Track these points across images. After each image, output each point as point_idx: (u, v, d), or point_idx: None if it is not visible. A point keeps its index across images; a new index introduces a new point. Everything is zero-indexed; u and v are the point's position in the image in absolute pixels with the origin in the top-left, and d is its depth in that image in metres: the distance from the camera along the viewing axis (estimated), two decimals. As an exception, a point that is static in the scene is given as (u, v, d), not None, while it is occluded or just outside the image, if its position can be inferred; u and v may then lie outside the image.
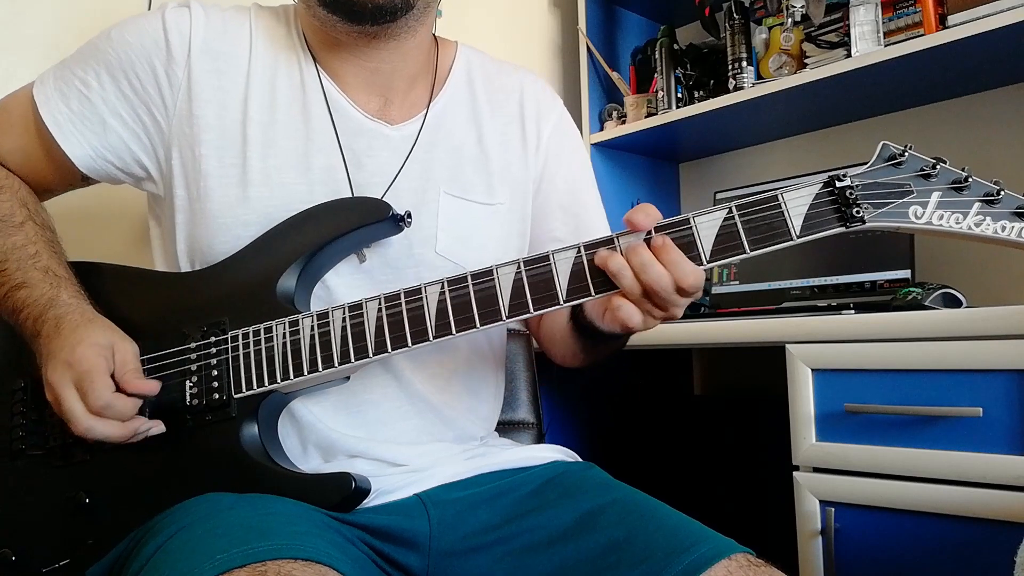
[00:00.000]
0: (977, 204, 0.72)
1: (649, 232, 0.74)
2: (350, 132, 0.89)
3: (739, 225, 0.73)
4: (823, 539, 1.15)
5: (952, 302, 1.22)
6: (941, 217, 0.72)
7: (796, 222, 0.73)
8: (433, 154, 0.92)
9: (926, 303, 1.19)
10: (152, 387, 0.78)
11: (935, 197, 0.72)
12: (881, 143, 0.76)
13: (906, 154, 0.74)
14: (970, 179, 0.72)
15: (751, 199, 0.74)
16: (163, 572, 0.63)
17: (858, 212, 0.72)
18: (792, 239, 0.73)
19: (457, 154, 0.94)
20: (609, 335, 0.82)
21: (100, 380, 0.75)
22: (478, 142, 0.95)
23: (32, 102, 0.87)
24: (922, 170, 0.73)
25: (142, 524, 0.76)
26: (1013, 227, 0.71)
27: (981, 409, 1.03)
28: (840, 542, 1.14)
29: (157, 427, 0.79)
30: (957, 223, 0.72)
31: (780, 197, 0.73)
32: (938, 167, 0.73)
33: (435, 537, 0.80)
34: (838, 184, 0.73)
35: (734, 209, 0.74)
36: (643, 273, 0.71)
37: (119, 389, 0.76)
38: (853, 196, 0.72)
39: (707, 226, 0.74)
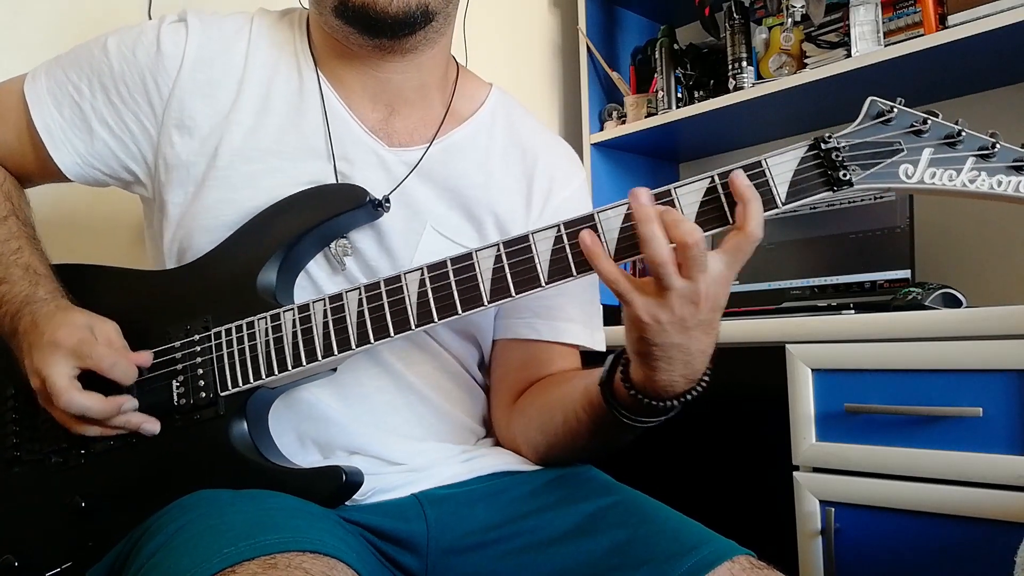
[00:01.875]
0: (971, 159, 0.68)
1: (628, 205, 0.72)
2: (345, 142, 0.87)
3: (722, 195, 0.70)
4: (823, 539, 1.15)
5: (952, 302, 1.22)
6: (933, 175, 0.68)
7: (781, 189, 0.70)
8: (429, 188, 0.89)
9: (926, 303, 1.19)
10: (144, 359, 0.79)
11: (926, 154, 0.69)
12: (869, 99, 0.72)
13: (895, 110, 0.70)
14: (963, 132, 0.68)
15: (733, 167, 0.71)
16: (169, 568, 0.63)
17: (845, 175, 0.68)
18: (778, 206, 0.70)
19: (456, 195, 0.90)
20: (651, 402, 0.74)
21: (97, 344, 0.76)
22: (483, 188, 0.92)
23: (23, 99, 0.87)
24: (912, 126, 0.70)
25: (139, 524, 0.76)
26: (1010, 181, 0.67)
27: (981, 409, 1.03)
28: (840, 542, 1.14)
29: (151, 423, 0.79)
30: (950, 180, 0.68)
31: (764, 163, 0.70)
32: (929, 122, 0.69)
33: (433, 537, 0.80)
34: (823, 146, 0.70)
35: (716, 178, 0.71)
36: (676, 228, 0.66)
37: None
38: (840, 158, 0.69)
39: (689, 198, 0.71)
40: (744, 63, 1.70)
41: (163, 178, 0.87)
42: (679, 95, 1.82)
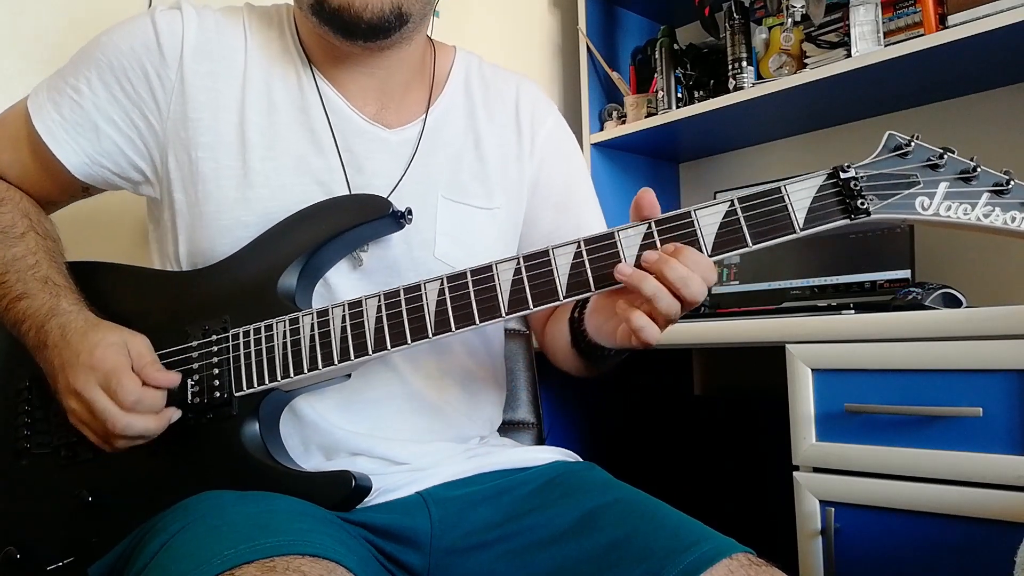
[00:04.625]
0: (986, 195, 0.70)
1: (649, 225, 0.74)
2: (348, 134, 0.89)
3: (741, 219, 0.72)
4: (823, 539, 1.15)
5: (952, 302, 1.22)
6: (948, 208, 0.71)
7: (799, 215, 0.72)
8: (431, 159, 0.92)
9: (926, 303, 1.19)
10: (173, 379, 0.79)
11: (942, 188, 0.71)
12: (887, 133, 0.74)
13: (912, 144, 0.73)
14: (979, 169, 0.70)
15: (754, 192, 0.73)
16: (169, 569, 0.63)
17: (863, 204, 0.70)
18: (796, 232, 0.72)
19: (455, 159, 0.93)
20: (616, 354, 0.83)
21: (127, 377, 0.75)
22: (476, 147, 0.95)
23: (26, 114, 0.87)
24: (929, 160, 0.72)
25: (144, 522, 0.76)
26: (1023, 217, 0.70)
27: (981, 409, 1.03)
28: (840, 542, 1.14)
29: (175, 412, 0.79)
30: (965, 214, 0.70)
31: (783, 190, 0.73)
32: (945, 157, 0.71)
33: (436, 535, 0.80)
34: (842, 175, 0.72)
35: (736, 202, 0.73)
36: (671, 272, 0.70)
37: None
38: (858, 187, 0.71)
39: (709, 220, 0.73)
40: (744, 63, 1.70)
41: (173, 176, 0.86)
42: (679, 95, 1.82)
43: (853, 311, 1.25)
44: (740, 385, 1.94)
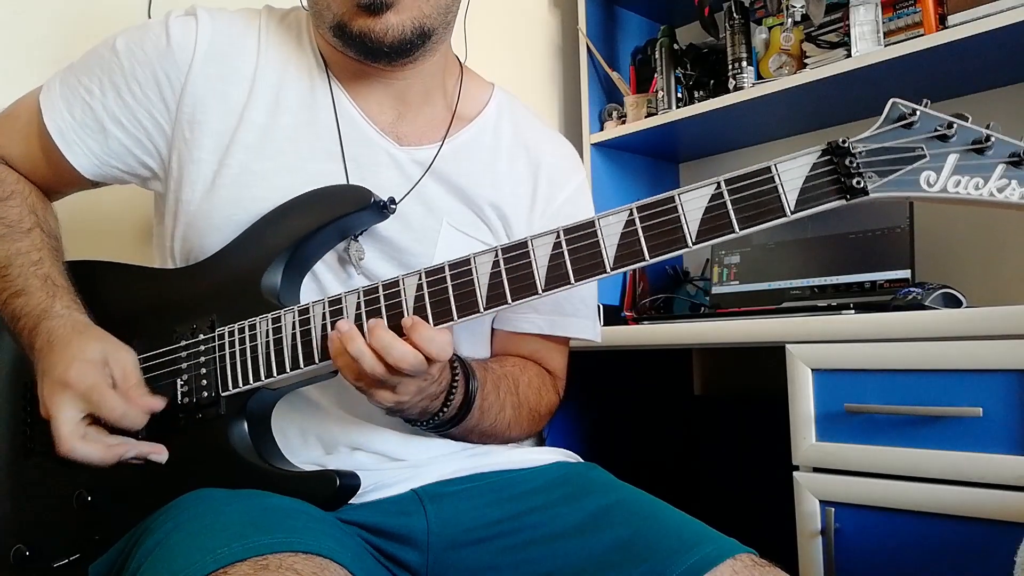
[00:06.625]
0: (1001, 166, 0.63)
1: (631, 211, 0.71)
2: (356, 142, 0.88)
3: (728, 202, 0.68)
4: (823, 539, 1.15)
5: (952, 302, 1.22)
6: (958, 183, 0.63)
7: (791, 196, 0.66)
8: (442, 186, 0.91)
9: (926, 303, 1.19)
10: (156, 404, 0.78)
11: (951, 161, 0.64)
12: (891, 101, 0.67)
13: (918, 113, 0.66)
14: (992, 138, 0.63)
15: (742, 172, 0.68)
16: (163, 568, 0.63)
17: (859, 183, 0.64)
18: (786, 215, 0.66)
19: (467, 194, 0.92)
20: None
21: (108, 393, 0.75)
22: (491, 187, 0.94)
23: (38, 110, 0.87)
24: (936, 130, 0.64)
25: (143, 520, 0.76)
26: None
27: (981, 409, 1.03)
28: (840, 542, 1.14)
29: (159, 453, 0.79)
30: (976, 189, 0.63)
31: (773, 169, 0.67)
32: (955, 126, 0.64)
33: (433, 533, 0.80)
34: (838, 151, 0.65)
35: (723, 184, 0.68)
36: (387, 355, 0.70)
37: None
38: (855, 164, 0.64)
39: (693, 204, 0.69)
40: (744, 63, 1.70)
41: (176, 174, 0.87)
42: (679, 95, 1.82)
43: (853, 311, 1.25)
44: (740, 385, 1.94)
